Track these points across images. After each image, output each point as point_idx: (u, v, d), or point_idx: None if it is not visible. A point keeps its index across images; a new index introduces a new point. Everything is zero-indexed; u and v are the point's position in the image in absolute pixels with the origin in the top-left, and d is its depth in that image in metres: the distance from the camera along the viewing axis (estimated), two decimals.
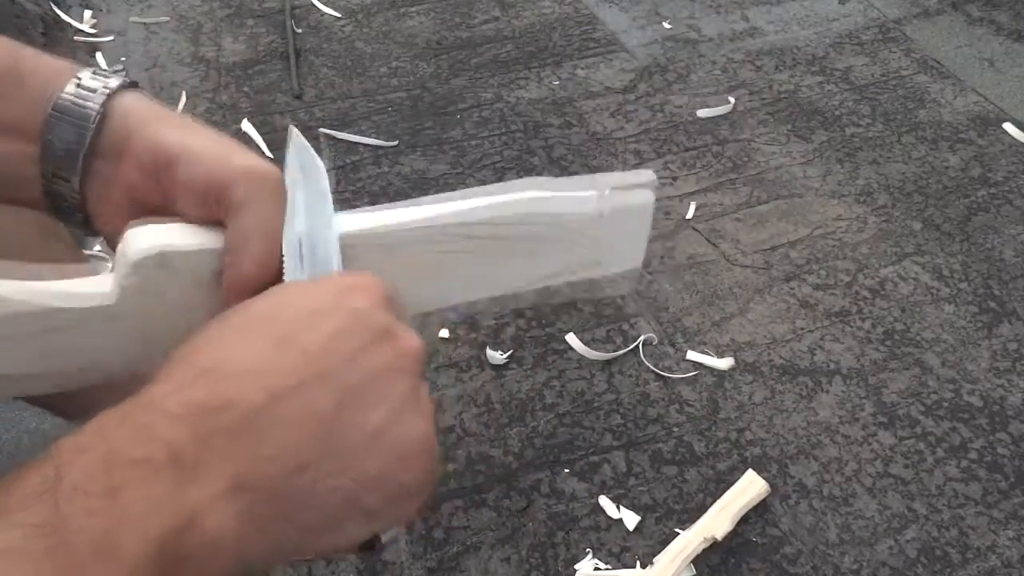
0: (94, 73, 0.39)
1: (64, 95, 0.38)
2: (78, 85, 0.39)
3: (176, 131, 0.38)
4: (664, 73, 1.66)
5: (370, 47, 1.71)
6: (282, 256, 0.37)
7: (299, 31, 1.74)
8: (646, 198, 0.44)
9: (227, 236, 0.37)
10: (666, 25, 1.79)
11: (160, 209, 0.38)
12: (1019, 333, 1.19)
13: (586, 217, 0.43)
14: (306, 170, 0.41)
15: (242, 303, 0.33)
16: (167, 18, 1.78)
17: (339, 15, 1.80)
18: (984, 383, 1.13)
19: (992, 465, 1.04)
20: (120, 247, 0.36)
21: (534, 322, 1.18)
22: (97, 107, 0.38)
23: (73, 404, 0.77)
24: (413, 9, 1.82)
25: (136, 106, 0.39)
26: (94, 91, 0.38)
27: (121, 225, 0.37)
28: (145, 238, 0.36)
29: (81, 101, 0.38)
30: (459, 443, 1.04)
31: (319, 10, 1.81)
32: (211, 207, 0.37)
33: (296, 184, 0.40)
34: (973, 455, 1.05)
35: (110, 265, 0.36)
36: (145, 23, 1.76)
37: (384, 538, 0.34)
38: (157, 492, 0.26)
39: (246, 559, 0.28)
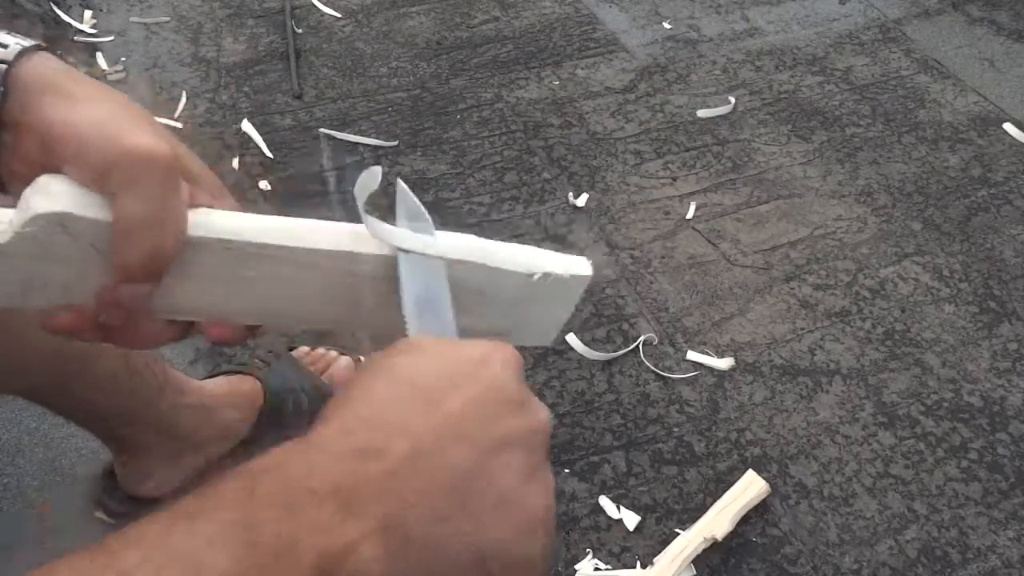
0: None
1: None
2: None
3: (64, 106, 0.37)
4: (664, 73, 1.66)
5: (370, 47, 1.71)
6: (176, 241, 0.37)
7: (299, 31, 1.74)
8: (576, 286, 0.45)
9: (114, 218, 0.36)
10: (666, 25, 1.79)
11: None
12: (1019, 333, 1.19)
13: (512, 289, 0.44)
14: (414, 223, 0.42)
15: (388, 356, 0.34)
16: (167, 18, 1.78)
17: (339, 15, 1.80)
18: (984, 383, 1.13)
19: (992, 465, 1.04)
20: (28, 192, 0.36)
21: None
22: None
23: (65, 398, 0.78)
24: (413, 9, 1.82)
25: (34, 76, 0.38)
26: None
27: None
28: (51, 196, 0.35)
29: None
30: None
31: (319, 10, 1.81)
32: (99, 186, 0.36)
33: (408, 240, 0.41)
34: (973, 455, 1.05)
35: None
36: (145, 23, 1.76)
37: None
38: (324, 519, 0.29)
39: None
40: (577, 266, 0.46)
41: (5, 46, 0.38)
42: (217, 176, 0.43)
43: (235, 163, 1.42)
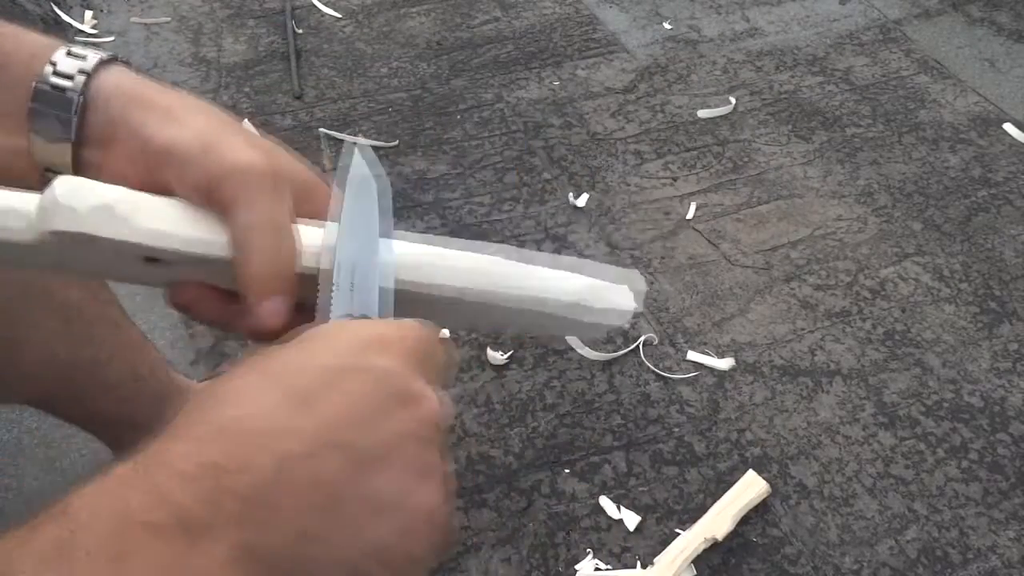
0: (68, 53, 0.37)
1: (41, 84, 0.37)
2: (55, 72, 0.37)
3: (160, 122, 0.36)
4: (664, 73, 1.66)
5: (371, 48, 1.71)
6: (294, 246, 0.35)
7: (300, 32, 1.75)
8: (626, 309, 0.43)
9: (231, 237, 0.35)
10: (666, 25, 1.79)
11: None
12: (1020, 333, 1.19)
13: (567, 315, 0.42)
14: (361, 190, 0.39)
15: (266, 351, 0.31)
16: (168, 19, 1.78)
17: (340, 16, 1.80)
18: (984, 383, 1.13)
19: (992, 465, 1.04)
20: (47, 197, 0.34)
21: None
22: (77, 95, 0.36)
23: (73, 406, 0.78)
24: (414, 10, 1.82)
25: (116, 88, 0.37)
26: (71, 76, 0.37)
27: None
28: (69, 212, 0.34)
29: (60, 88, 0.36)
30: (459, 443, 1.04)
31: (320, 11, 1.81)
32: (210, 203, 0.36)
33: (352, 207, 0.38)
34: (973, 455, 1.05)
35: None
36: (146, 24, 1.76)
37: None
38: (165, 559, 0.25)
39: None
40: (620, 301, 0.42)
41: (83, 57, 0.37)
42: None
43: None
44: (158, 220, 0.35)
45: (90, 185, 0.34)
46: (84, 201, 0.34)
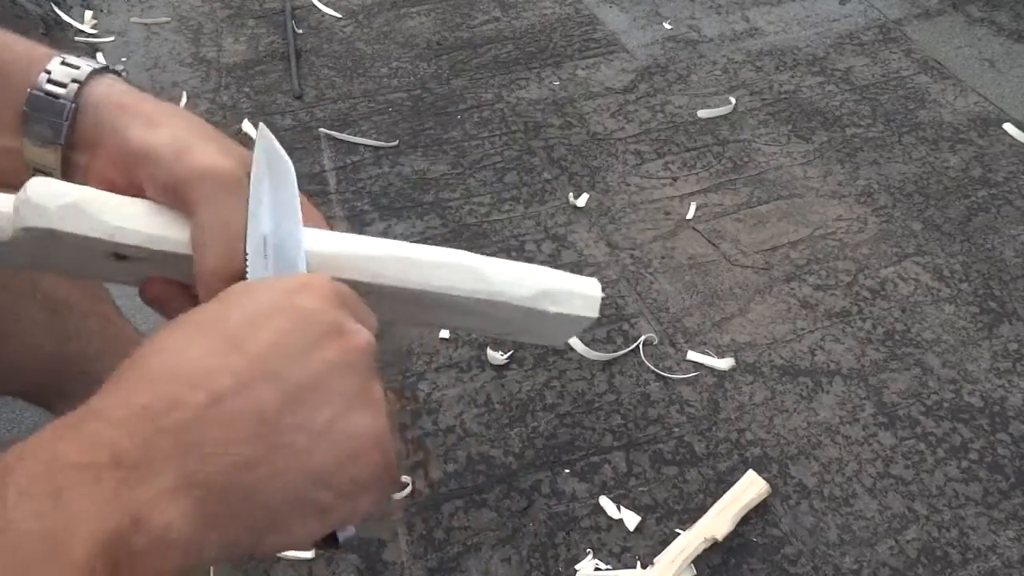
0: (63, 62, 0.39)
1: (35, 91, 0.39)
2: (49, 79, 0.39)
3: (140, 128, 0.38)
4: (664, 73, 1.66)
5: (371, 48, 1.71)
6: (245, 253, 0.37)
7: (300, 32, 1.75)
8: (587, 314, 0.43)
9: (190, 234, 0.37)
10: (666, 25, 1.79)
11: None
12: (1020, 333, 1.19)
13: (510, 315, 0.43)
14: (273, 167, 0.40)
15: (193, 309, 0.33)
16: (168, 19, 1.78)
17: (340, 16, 1.80)
18: (984, 383, 1.13)
19: (992, 465, 1.04)
20: (20, 197, 0.36)
21: None
22: (69, 102, 0.38)
23: (62, 399, 0.78)
24: (414, 10, 1.82)
25: (106, 97, 0.39)
26: (64, 85, 0.39)
27: None
28: (39, 209, 0.36)
29: (53, 95, 0.39)
30: (459, 443, 1.04)
31: (320, 11, 1.81)
32: (176, 203, 0.38)
33: (262, 182, 0.39)
34: (974, 455, 1.05)
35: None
36: (146, 24, 1.76)
37: (341, 535, 0.34)
38: (101, 493, 0.26)
39: (198, 557, 0.29)
40: (584, 301, 0.43)
41: (77, 67, 0.39)
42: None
43: None
44: (123, 218, 0.37)
45: (60, 185, 0.37)
46: (53, 200, 0.36)
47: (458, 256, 0.41)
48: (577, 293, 0.42)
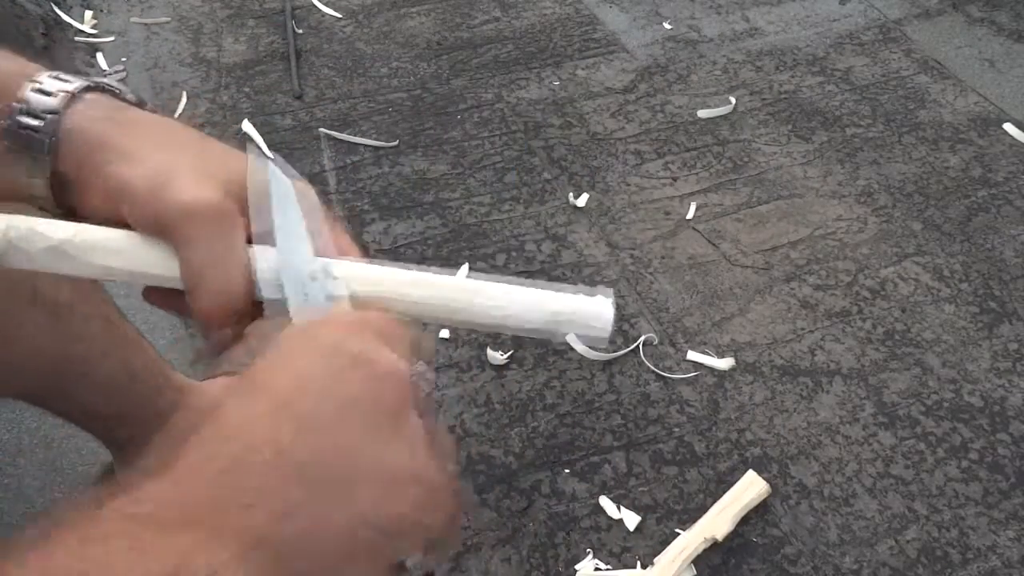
0: (35, 90, 0.37)
1: (10, 123, 0.37)
2: (24, 111, 0.37)
3: (117, 164, 0.37)
4: (664, 73, 1.66)
5: (371, 48, 1.71)
6: (243, 280, 0.37)
7: (300, 32, 1.75)
8: (600, 335, 0.43)
9: (182, 273, 0.37)
10: (666, 25, 1.79)
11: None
12: (1020, 333, 1.19)
13: (531, 332, 0.42)
14: (284, 200, 0.39)
15: (252, 368, 0.32)
16: (168, 19, 1.78)
17: (340, 16, 1.80)
18: (984, 383, 1.13)
19: (992, 465, 1.04)
20: (4, 239, 0.36)
21: None
22: (47, 137, 0.37)
23: (65, 401, 0.78)
24: (414, 10, 1.82)
25: (83, 129, 0.37)
26: (42, 117, 0.37)
27: None
28: (19, 249, 0.36)
29: (32, 128, 0.37)
30: (460, 443, 1.04)
31: (320, 11, 1.81)
32: (164, 239, 0.37)
33: (282, 216, 0.38)
34: (974, 455, 1.05)
35: None
36: (146, 24, 1.76)
37: (409, 562, 0.32)
38: (183, 545, 0.26)
39: None
40: (597, 323, 0.43)
41: (50, 93, 0.37)
42: None
43: None
44: (110, 255, 0.36)
45: (42, 227, 0.36)
46: (34, 244, 0.36)
47: (471, 285, 0.40)
48: (591, 316, 0.43)
